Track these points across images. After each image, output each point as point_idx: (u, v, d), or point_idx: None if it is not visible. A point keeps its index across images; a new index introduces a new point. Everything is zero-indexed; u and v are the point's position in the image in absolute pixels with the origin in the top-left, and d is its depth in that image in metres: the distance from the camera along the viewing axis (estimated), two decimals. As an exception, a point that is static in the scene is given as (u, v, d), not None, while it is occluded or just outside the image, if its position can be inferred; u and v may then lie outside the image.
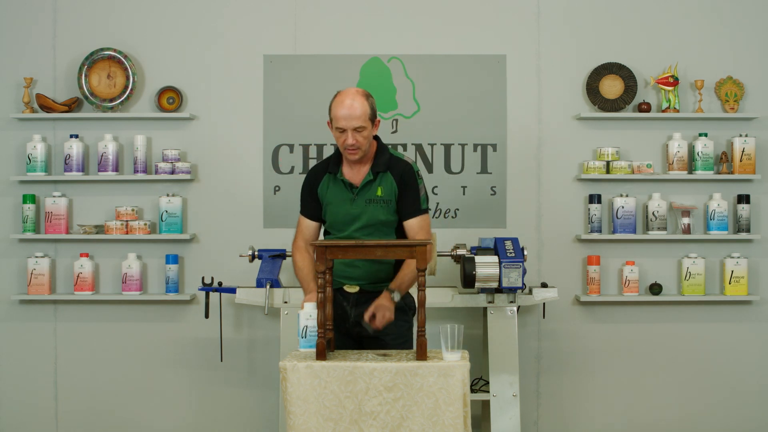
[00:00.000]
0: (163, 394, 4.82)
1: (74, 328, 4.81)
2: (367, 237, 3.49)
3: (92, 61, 4.76)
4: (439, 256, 4.33)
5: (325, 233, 3.68)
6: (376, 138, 3.57)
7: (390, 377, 2.95)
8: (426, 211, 3.56)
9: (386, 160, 3.53)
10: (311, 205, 3.61)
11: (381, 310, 3.37)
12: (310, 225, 3.63)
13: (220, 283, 4.59)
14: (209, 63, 4.82)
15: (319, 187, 3.59)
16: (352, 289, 3.55)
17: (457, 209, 4.78)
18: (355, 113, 3.39)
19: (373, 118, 3.46)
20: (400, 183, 3.51)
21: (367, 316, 3.38)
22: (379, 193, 3.50)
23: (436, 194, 4.78)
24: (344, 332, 3.55)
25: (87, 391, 4.82)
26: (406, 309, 3.59)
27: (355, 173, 3.55)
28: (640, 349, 4.81)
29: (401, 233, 3.57)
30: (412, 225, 3.51)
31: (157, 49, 4.83)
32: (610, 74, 4.76)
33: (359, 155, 3.47)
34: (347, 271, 3.55)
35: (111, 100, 4.77)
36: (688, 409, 4.81)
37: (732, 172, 4.72)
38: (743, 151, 4.70)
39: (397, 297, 3.41)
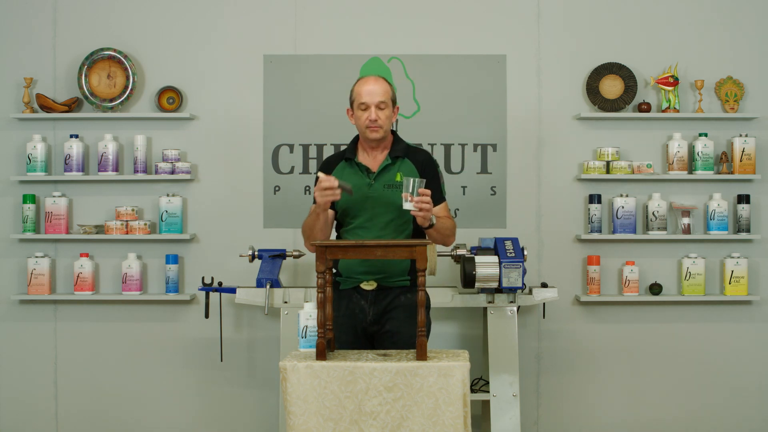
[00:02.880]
0: (163, 394, 4.82)
1: (74, 328, 4.81)
2: (386, 225, 3.48)
3: (92, 61, 4.76)
4: (439, 256, 4.32)
5: (338, 227, 3.61)
6: (393, 132, 3.63)
7: (390, 377, 2.95)
8: (445, 198, 3.60)
9: (404, 147, 3.59)
10: None
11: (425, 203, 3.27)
12: None
13: (220, 283, 4.59)
14: (209, 63, 4.82)
15: (333, 173, 3.54)
16: (369, 286, 3.52)
17: (457, 209, 4.78)
18: (378, 89, 3.49)
19: (393, 101, 3.55)
20: (423, 171, 3.53)
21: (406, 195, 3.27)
22: (398, 178, 3.51)
23: (436, 194, 4.78)
24: (359, 332, 3.53)
25: (87, 391, 4.82)
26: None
27: (371, 160, 3.57)
28: (640, 349, 4.81)
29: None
30: (437, 212, 3.49)
31: (157, 49, 4.83)
32: (610, 74, 4.76)
33: (381, 134, 3.50)
34: (362, 265, 3.50)
35: (111, 100, 4.77)
36: (688, 409, 4.81)
37: (732, 172, 4.72)
38: (743, 151, 4.70)
39: (434, 220, 3.38)
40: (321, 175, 3.35)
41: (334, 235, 3.70)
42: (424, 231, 3.46)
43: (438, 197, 3.53)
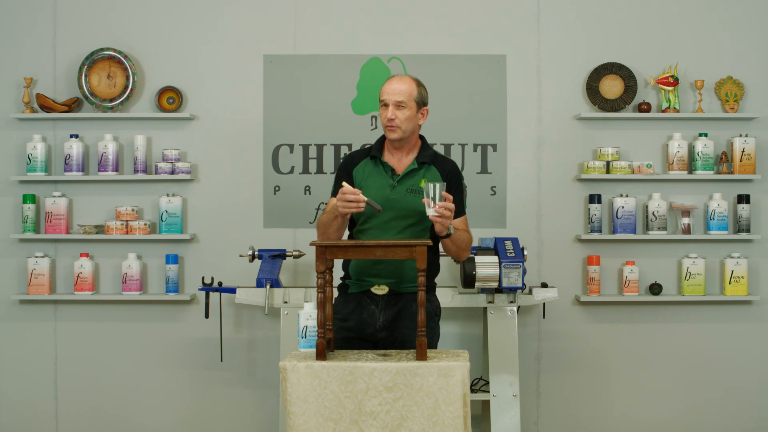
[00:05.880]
0: (163, 394, 4.82)
1: (74, 328, 4.81)
2: (403, 230, 3.37)
3: (92, 61, 4.76)
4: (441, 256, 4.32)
5: (351, 225, 3.49)
6: (422, 137, 3.51)
7: (390, 377, 2.95)
8: (465, 212, 3.49)
9: (431, 154, 3.47)
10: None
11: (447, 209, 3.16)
12: None
13: (220, 283, 4.59)
14: (209, 63, 4.82)
15: (356, 169, 3.47)
16: (380, 290, 3.40)
17: (457, 209, 4.78)
18: (399, 88, 3.35)
19: (419, 102, 3.39)
20: (448, 180, 3.41)
21: (427, 201, 3.16)
22: (422, 184, 3.36)
23: (436, 194, 4.77)
24: (366, 338, 3.41)
25: (87, 390, 4.82)
26: (432, 314, 3.45)
27: (397, 161, 3.45)
28: (640, 349, 4.81)
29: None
30: (456, 225, 3.39)
31: (157, 49, 4.83)
32: (610, 74, 4.76)
33: (398, 134, 3.37)
34: (375, 268, 3.40)
35: (111, 100, 4.77)
36: (688, 409, 4.81)
37: (732, 172, 4.72)
38: (743, 151, 4.71)
39: (452, 229, 3.28)
40: (346, 186, 3.20)
41: (346, 234, 3.54)
42: (440, 240, 3.34)
43: (459, 210, 3.42)
